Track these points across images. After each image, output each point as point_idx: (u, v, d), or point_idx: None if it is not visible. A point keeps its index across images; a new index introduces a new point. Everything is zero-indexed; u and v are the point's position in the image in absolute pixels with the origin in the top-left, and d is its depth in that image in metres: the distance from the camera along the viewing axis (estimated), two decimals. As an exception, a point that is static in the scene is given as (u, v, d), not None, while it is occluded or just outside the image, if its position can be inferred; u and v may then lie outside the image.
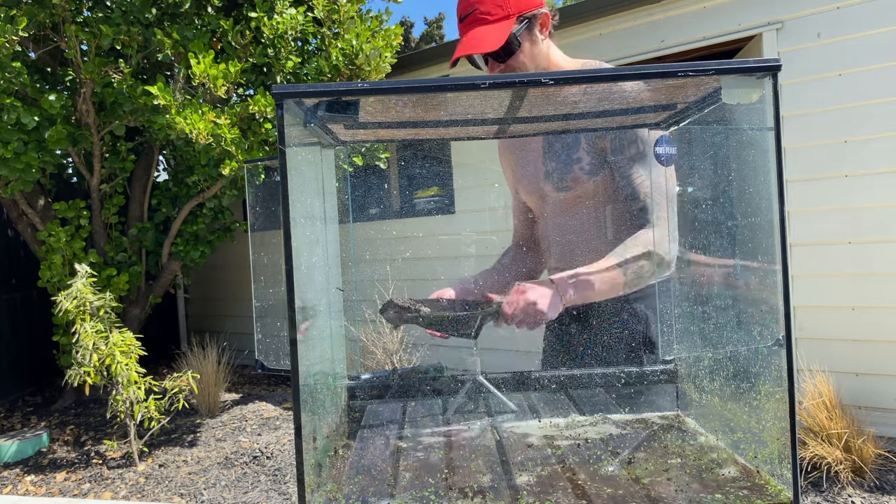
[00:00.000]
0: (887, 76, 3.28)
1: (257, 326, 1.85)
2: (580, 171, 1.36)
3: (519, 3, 1.30)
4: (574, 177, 1.37)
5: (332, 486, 0.90)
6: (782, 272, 0.75)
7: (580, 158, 1.36)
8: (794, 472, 0.76)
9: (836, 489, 2.92)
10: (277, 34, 3.93)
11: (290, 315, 0.75)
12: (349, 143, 1.19)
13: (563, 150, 1.39)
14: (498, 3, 1.28)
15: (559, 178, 1.40)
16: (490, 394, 1.22)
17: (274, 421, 4.67)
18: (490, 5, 1.29)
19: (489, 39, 1.27)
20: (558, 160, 1.40)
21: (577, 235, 1.43)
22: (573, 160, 1.37)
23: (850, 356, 3.41)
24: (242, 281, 6.61)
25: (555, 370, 1.29)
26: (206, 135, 3.61)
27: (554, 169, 1.40)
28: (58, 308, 3.69)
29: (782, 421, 0.76)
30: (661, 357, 1.33)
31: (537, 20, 1.34)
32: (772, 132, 0.75)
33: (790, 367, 0.75)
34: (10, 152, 3.92)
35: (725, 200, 1.06)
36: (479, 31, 1.28)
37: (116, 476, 3.68)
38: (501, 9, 1.28)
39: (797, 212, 3.56)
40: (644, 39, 4.10)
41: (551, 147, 1.42)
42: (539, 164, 1.45)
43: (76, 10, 3.97)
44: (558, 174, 1.40)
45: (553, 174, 1.41)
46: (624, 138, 1.31)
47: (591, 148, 1.36)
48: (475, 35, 1.28)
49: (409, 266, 5.27)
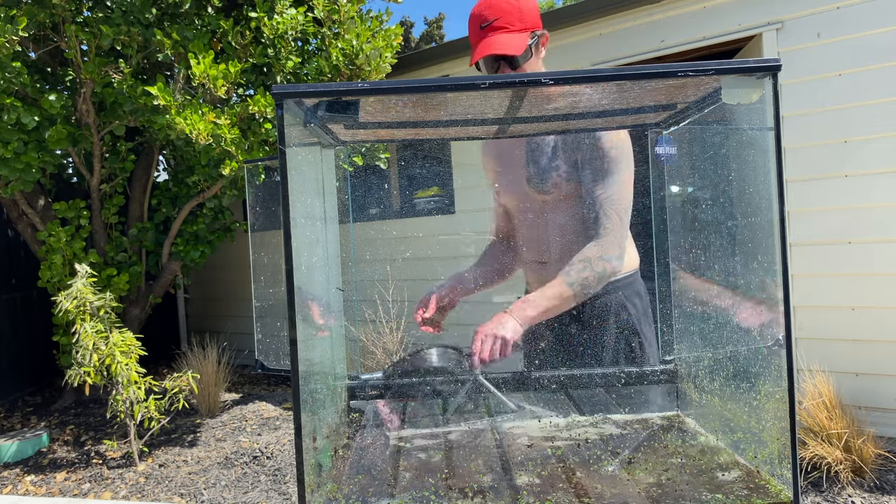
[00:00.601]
0: (887, 76, 3.28)
1: (257, 326, 1.85)
2: (558, 176, 1.50)
3: (534, 20, 1.49)
4: (553, 182, 1.51)
5: (332, 486, 0.90)
6: (782, 272, 0.75)
7: (558, 166, 1.50)
8: (794, 472, 0.76)
9: (836, 489, 2.92)
10: (277, 34, 3.93)
11: (290, 315, 0.75)
12: (349, 143, 1.19)
13: (543, 156, 1.53)
14: (518, 16, 1.46)
15: (539, 181, 1.53)
16: (490, 394, 1.22)
17: (274, 421, 4.67)
18: (512, 17, 1.45)
19: (513, 44, 1.43)
20: (538, 166, 1.53)
21: (551, 233, 1.57)
22: (552, 167, 1.51)
23: (850, 356, 3.41)
24: (242, 281, 6.61)
25: (555, 370, 1.29)
26: (206, 135, 3.61)
27: (534, 174, 1.54)
28: (58, 308, 3.69)
29: (782, 421, 0.76)
30: (661, 357, 1.33)
31: (542, 39, 1.52)
32: (772, 132, 0.75)
33: (790, 367, 0.75)
34: (10, 152, 3.92)
35: (725, 200, 1.06)
36: (501, 36, 1.44)
37: (116, 476, 3.68)
38: (521, 22, 1.46)
39: (797, 212, 3.56)
40: (644, 39, 4.10)
41: (532, 153, 1.55)
42: (521, 168, 1.58)
43: (76, 10, 3.97)
44: (538, 178, 1.53)
45: (533, 178, 1.54)
46: (595, 154, 1.44)
47: (568, 158, 1.48)
48: (498, 39, 1.44)
49: (409, 266, 5.27)
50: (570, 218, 1.51)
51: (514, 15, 1.45)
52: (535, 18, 1.49)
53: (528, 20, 1.47)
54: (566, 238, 1.52)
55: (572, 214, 1.50)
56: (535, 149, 1.54)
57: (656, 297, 1.40)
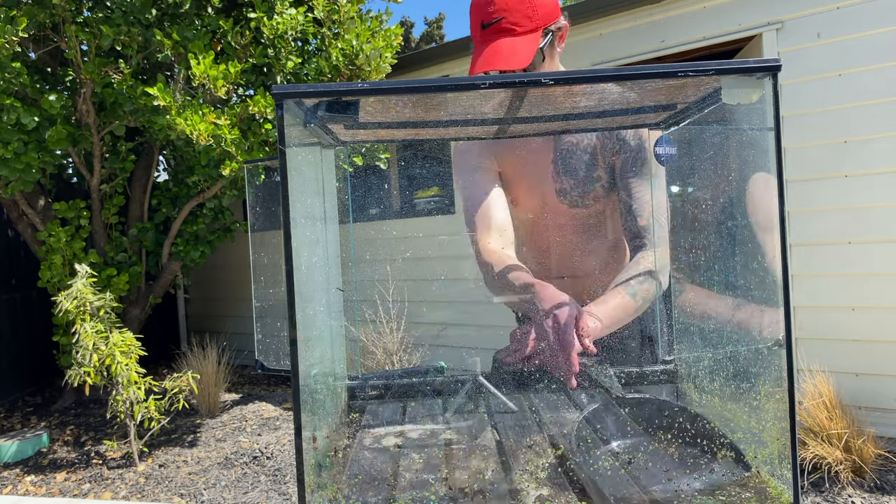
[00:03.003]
0: (887, 76, 3.28)
1: (257, 326, 1.85)
2: (601, 188, 1.32)
3: (546, 15, 1.22)
4: (595, 195, 1.34)
5: (332, 487, 0.90)
6: (782, 272, 0.75)
7: (599, 177, 1.32)
8: (795, 473, 0.76)
9: (836, 489, 2.92)
10: (277, 34, 3.93)
11: (290, 315, 0.75)
12: (349, 144, 1.19)
13: (581, 167, 1.34)
14: (527, 13, 1.20)
15: (579, 195, 1.36)
16: (490, 394, 1.22)
17: (274, 421, 4.67)
18: (519, 16, 1.19)
19: (519, 55, 1.18)
20: (576, 178, 1.35)
21: (576, 246, 1.41)
22: (592, 178, 1.32)
23: (850, 356, 3.41)
24: (242, 281, 6.61)
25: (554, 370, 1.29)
26: (206, 135, 3.61)
27: (572, 187, 1.36)
28: (58, 308, 3.69)
29: (782, 421, 0.76)
30: (661, 357, 1.33)
31: (559, 33, 1.28)
32: (772, 132, 0.75)
33: (790, 367, 0.75)
34: (10, 152, 3.92)
35: (725, 200, 1.06)
36: (505, 43, 1.19)
37: (116, 476, 3.68)
38: (531, 20, 1.20)
39: (797, 212, 3.56)
40: (644, 39, 4.10)
41: (567, 164, 1.36)
42: (549, 179, 1.40)
43: (76, 11, 3.97)
44: (578, 192, 1.35)
45: (570, 192, 1.36)
46: (637, 158, 1.29)
47: (606, 165, 1.32)
48: (502, 48, 1.19)
49: (409, 266, 5.27)
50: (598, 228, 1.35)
51: (523, 11, 1.19)
52: (549, 9, 1.23)
53: (540, 14, 1.20)
54: (595, 252, 1.36)
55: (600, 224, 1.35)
56: (568, 158, 1.34)
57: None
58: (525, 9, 1.20)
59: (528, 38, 1.20)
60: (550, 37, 1.25)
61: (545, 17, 1.22)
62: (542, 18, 1.22)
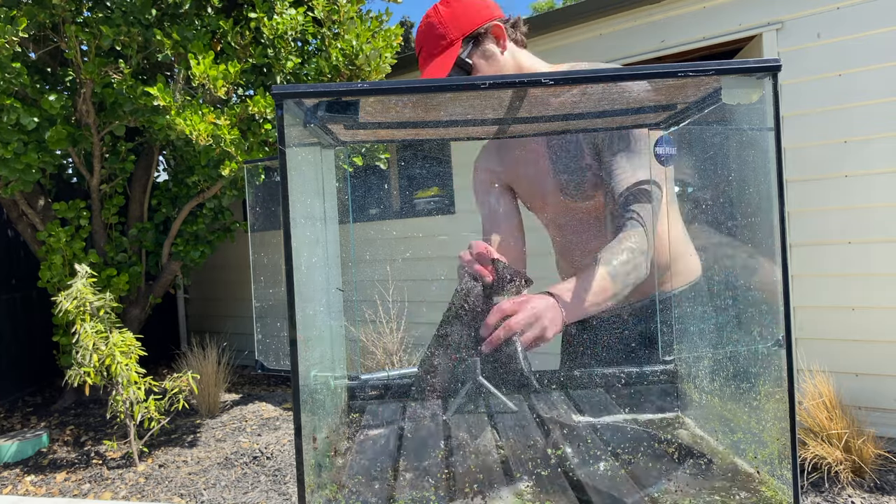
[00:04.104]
0: (887, 76, 3.28)
1: (257, 326, 1.85)
2: (595, 177, 1.33)
3: (460, 27, 1.31)
4: (594, 183, 1.35)
5: (332, 487, 0.90)
6: (782, 272, 0.75)
7: (591, 165, 1.33)
8: (794, 473, 0.76)
9: (836, 489, 2.92)
10: (277, 34, 3.93)
11: (290, 315, 0.75)
12: (349, 144, 1.19)
13: (572, 159, 1.36)
14: (438, 34, 1.31)
15: (575, 188, 1.37)
16: (490, 394, 1.22)
17: (274, 421, 4.67)
18: (432, 41, 1.32)
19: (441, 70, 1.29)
20: (570, 171, 1.37)
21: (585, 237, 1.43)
22: (585, 167, 1.34)
23: (850, 356, 3.41)
24: (242, 281, 6.61)
25: (555, 371, 1.30)
26: (205, 136, 3.61)
27: (567, 181, 1.38)
28: (58, 308, 3.69)
29: (782, 421, 0.76)
30: (661, 357, 1.33)
31: (487, 36, 1.33)
32: (772, 132, 0.75)
33: (790, 367, 0.75)
34: (10, 153, 3.92)
35: (725, 200, 1.06)
36: (431, 66, 1.31)
37: (116, 476, 3.68)
38: (444, 38, 1.31)
39: (797, 212, 3.56)
40: (644, 39, 4.10)
41: (559, 158, 1.39)
42: (549, 176, 1.42)
43: (76, 11, 3.97)
44: (574, 186, 1.37)
45: (569, 186, 1.38)
46: (613, 137, 1.29)
47: (593, 151, 1.34)
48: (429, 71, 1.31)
49: (409, 266, 5.27)
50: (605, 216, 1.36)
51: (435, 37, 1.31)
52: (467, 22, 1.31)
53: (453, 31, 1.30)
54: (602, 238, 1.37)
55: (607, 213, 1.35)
56: (559, 154, 1.38)
57: (656, 296, 1.40)
58: (435, 32, 1.32)
59: (445, 55, 1.31)
60: (472, 43, 1.33)
61: (462, 28, 1.31)
62: (456, 31, 1.31)
